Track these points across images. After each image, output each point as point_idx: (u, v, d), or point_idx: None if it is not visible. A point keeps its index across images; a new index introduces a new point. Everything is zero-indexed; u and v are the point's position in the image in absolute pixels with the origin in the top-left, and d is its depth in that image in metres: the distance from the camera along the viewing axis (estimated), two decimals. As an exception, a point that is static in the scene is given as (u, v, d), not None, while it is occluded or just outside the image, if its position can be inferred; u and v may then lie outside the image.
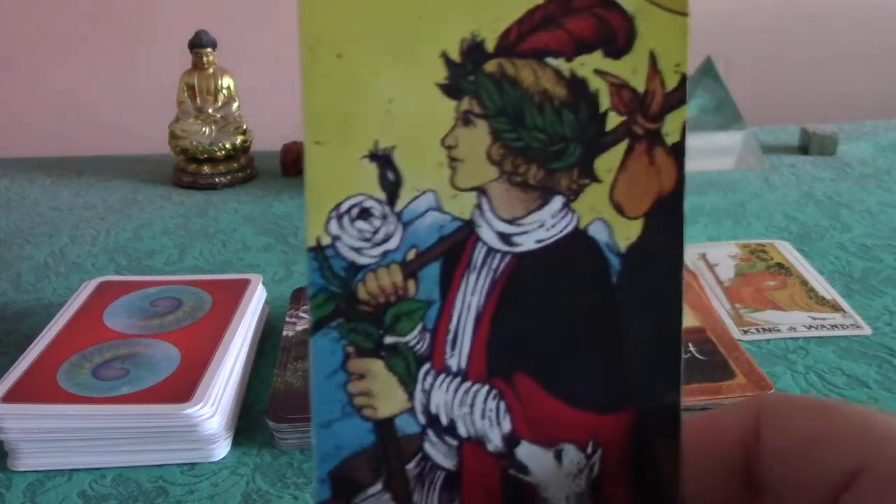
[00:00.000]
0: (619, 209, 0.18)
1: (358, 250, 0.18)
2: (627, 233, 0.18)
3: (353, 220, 0.18)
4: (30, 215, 0.81)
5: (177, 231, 0.76)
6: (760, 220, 0.75)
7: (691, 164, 0.81)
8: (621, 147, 0.18)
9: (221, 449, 0.44)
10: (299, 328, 0.52)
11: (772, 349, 0.53)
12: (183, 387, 0.43)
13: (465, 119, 0.18)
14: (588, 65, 0.18)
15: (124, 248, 0.72)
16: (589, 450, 0.18)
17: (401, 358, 0.18)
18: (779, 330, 0.55)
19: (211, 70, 0.89)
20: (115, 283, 0.56)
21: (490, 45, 0.17)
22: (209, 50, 0.88)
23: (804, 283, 0.61)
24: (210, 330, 0.49)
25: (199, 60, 0.88)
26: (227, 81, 0.90)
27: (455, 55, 0.18)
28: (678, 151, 0.18)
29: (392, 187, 0.18)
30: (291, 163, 0.91)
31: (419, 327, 0.18)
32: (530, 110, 0.18)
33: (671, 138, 0.18)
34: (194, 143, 0.87)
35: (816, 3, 1.47)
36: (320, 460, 0.18)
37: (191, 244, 0.72)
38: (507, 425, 0.18)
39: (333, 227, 0.18)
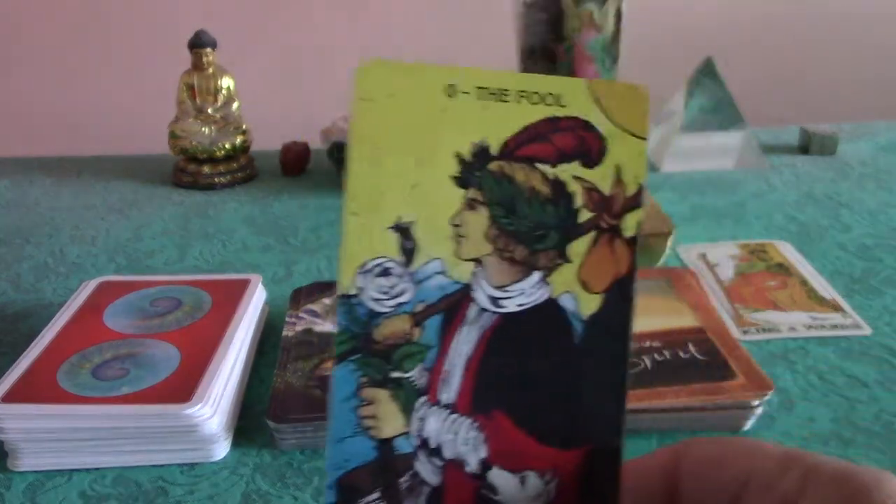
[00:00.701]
0: (585, 285, 0.23)
1: (377, 300, 0.22)
2: (589, 305, 0.22)
3: (375, 277, 0.22)
4: (30, 215, 0.81)
5: (177, 231, 0.76)
6: (760, 220, 0.75)
7: (692, 165, 0.80)
8: (589, 237, 0.23)
9: (221, 449, 0.44)
10: (299, 328, 0.52)
11: (772, 349, 0.53)
12: (183, 387, 0.43)
13: (471, 205, 0.22)
14: (568, 171, 0.22)
15: (124, 248, 0.72)
16: (547, 478, 0.22)
17: (403, 390, 0.22)
18: (779, 330, 0.55)
19: (211, 70, 0.89)
20: (115, 283, 0.56)
21: (494, 150, 0.22)
22: (209, 50, 0.88)
23: (804, 283, 0.61)
24: (210, 330, 0.49)
25: (199, 60, 0.88)
26: (227, 81, 0.90)
27: (467, 155, 0.22)
28: (633, 244, 0.22)
29: (409, 253, 0.22)
30: (291, 163, 0.91)
31: (420, 366, 0.22)
32: (521, 202, 0.22)
33: (628, 232, 0.22)
34: (194, 143, 0.87)
35: (816, 4, 1.47)
36: (331, 469, 0.22)
37: (191, 244, 0.72)
38: (482, 452, 0.22)
39: (360, 281, 0.22)
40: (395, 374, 0.22)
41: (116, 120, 1.46)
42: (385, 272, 0.22)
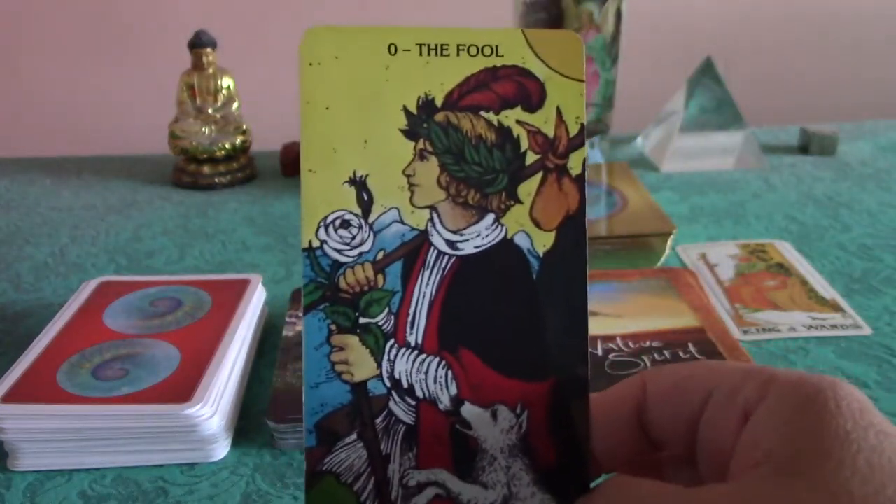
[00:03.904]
0: (537, 224, 0.24)
1: (340, 251, 0.23)
2: (543, 241, 0.24)
3: (336, 229, 0.23)
4: (30, 215, 0.81)
5: (177, 231, 0.76)
6: (760, 220, 0.75)
7: (692, 165, 0.80)
8: (537, 177, 0.24)
9: (221, 449, 0.44)
10: (299, 328, 0.52)
11: (772, 349, 0.53)
12: (183, 387, 0.43)
13: (421, 155, 0.23)
14: (511, 117, 0.24)
15: (124, 248, 0.72)
16: (518, 410, 0.24)
17: (371, 334, 0.23)
18: (779, 330, 0.55)
19: (211, 70, 0.89)
20: (115, 283, 0.56)
21: (439, 102, 0.24)
22: (209, 50, 0.88)
23: (804, 283, 0.61)
24: (210, 330, 0.49)
25: (199, 60, 0.88)
26: (227, 81, 0.90)
27: (413, 108, 0.23)
28: (580, 180, 0.24)
29: (366, 205, 0.23)
30: (291, 163, 0.91)
31: (386, 311, 0.23)
32: (469, 149, 0.24)
33: (574, 171, 0.24)
34: (194, 143, 0.86)
35: (816, 3, 1.47)
36: (308, 415, 0.23)
37: (191, 244, 0.72)
38: (453, 389, 0.24)
39: (322, 234, 0.23)
40: (363, 320, 0.23)
41: (116, 120, 1.46)
42: (345, 224, 0.23)
